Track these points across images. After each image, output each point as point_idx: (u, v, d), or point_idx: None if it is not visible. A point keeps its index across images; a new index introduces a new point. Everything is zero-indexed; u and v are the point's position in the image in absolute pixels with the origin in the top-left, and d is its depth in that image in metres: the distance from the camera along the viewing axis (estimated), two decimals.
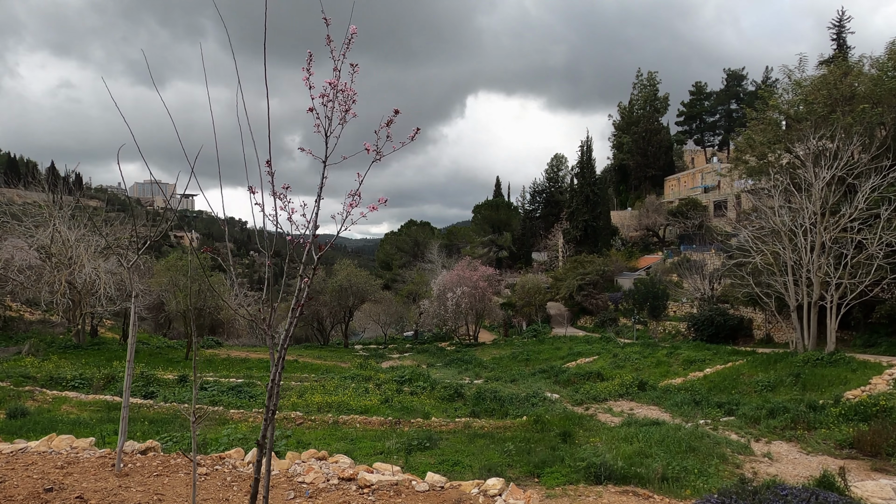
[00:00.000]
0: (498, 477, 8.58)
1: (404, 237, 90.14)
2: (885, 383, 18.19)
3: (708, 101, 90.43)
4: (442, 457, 10.34)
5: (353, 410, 17.88)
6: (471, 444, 12.24)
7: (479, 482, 5.22)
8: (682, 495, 8.44)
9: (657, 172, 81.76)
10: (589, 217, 61.20)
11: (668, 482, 8.99)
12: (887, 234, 21.67)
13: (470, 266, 45.14)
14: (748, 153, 29.65)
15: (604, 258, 53.06)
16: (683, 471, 10.36)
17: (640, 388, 21.98)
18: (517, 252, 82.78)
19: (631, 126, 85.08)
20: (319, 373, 29.47)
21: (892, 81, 24.62)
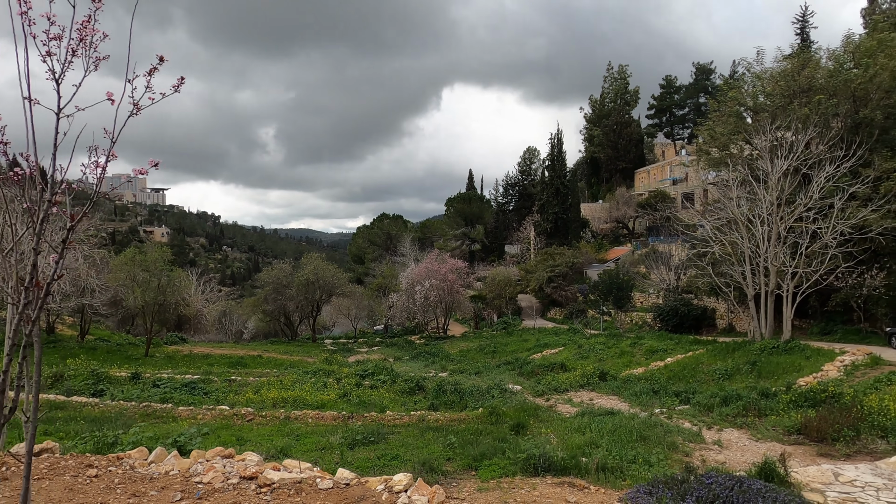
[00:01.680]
0: (433, 471, 8.37)
1: (377, 231, 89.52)
2: (836, 370, 18.51)
3: (678, 94, 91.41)
4: (385, 451, 10.11)
5: (309, 406, 17.54)
6: (421, 438, 12.02)
7: (386, 478, 5.00)
8: (620, 485, 8.34)
9: (628, 165, 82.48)
10: (559, 209, 61.43)
11: (610, 472, 8.89)
12: (841, 223, 22.05)
13: (439, 259, 44.91)
14: (711, 145, 29.92)
15: (573, 250, 53.34)
16: (629, 460, 10.31)
17: (601, 379, 22.05)
18: (490, 245, 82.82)
19: (602, 119, 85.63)
20: (283, 368, 29.05)
21: (847, 73, 25.03)
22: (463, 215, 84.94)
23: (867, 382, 16.72)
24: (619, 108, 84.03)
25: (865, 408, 14.51)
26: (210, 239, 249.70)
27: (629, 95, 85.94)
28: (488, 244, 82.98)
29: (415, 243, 73.86)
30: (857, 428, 13.41)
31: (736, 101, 28.09)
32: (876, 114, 24.06)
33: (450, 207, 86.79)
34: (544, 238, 62.28)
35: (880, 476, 10.67)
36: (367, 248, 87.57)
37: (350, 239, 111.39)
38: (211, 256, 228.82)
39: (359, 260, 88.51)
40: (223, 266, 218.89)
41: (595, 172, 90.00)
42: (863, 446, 13.02)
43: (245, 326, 59.08)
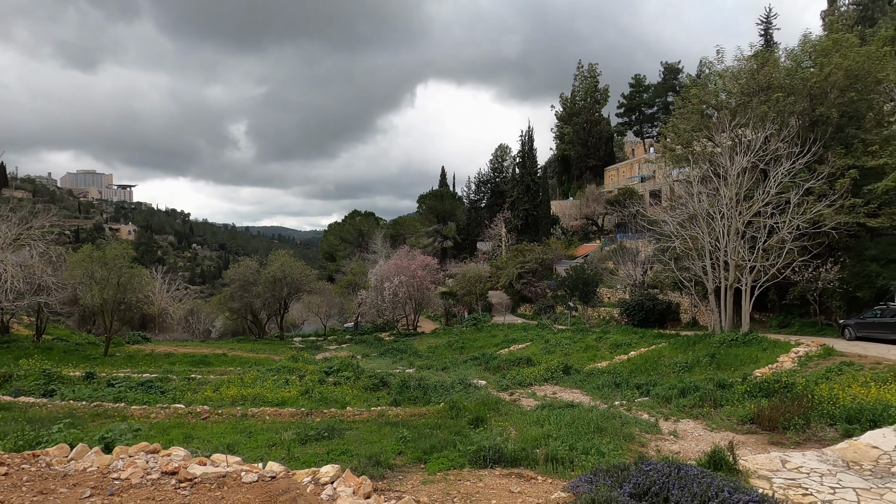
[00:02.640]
0: (379, 464, 8.23)
1: (348, 228, 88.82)
2: (790, 361, 18.94)
3: (646, 93, 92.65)
4: (336, 447, 9.96)
5: (269, 403, 17.27)
6: (377, 433, 11.91)
7: (314, 471, 4.87)
8: (568, 475, 8.33)
9: (598, 163, 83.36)
10: (529, 206, 61.75)
11: (560, 463, 8.88)
12: (797, 218, 22.58)
13: (408, 255, 44.71)
14: (674, 142, 30.37)
15: (543, 247, 53.66)
16: (583, 451, 10.34)
17: (565, 373, 22.20)
18: (462, 242, 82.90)
19: (573, 117, 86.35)
20: (248, 366, 28.57)
21: (804, 72, 25.65)
22: (435, 212, 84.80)
23: (819, 373, 17.14)
24: (589, 107, 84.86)
25: (816, 397, 14.87)
26: (179, 237, 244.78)
27: (599, 94, 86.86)
28: (460, 241, 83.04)
29: (386, 240, 73.50)
30: (807, 417, 13.71)
31: (698, 98, 28.55)
32: (831, 111, 24.69)
33: (422, 204, 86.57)
34: (515, 235, 62.57)
35: (826, 462, 10.92)
36: (338, 246, 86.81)
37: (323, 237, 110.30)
38: (180, 254, 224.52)
39: (330, 257, 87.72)
40: (192, 264, 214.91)
41: (566, 170, 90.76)
42: (812, 434, 13.32)
43: (213, 325, 58.02)
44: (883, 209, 24.07)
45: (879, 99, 26.55)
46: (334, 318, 56.83)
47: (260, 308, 43.20)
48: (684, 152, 28.97)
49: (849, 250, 25.13)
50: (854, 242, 25.12)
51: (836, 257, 24.40)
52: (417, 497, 6.40)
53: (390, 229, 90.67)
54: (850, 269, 24.32)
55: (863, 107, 25.47)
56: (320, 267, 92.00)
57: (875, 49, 24.85)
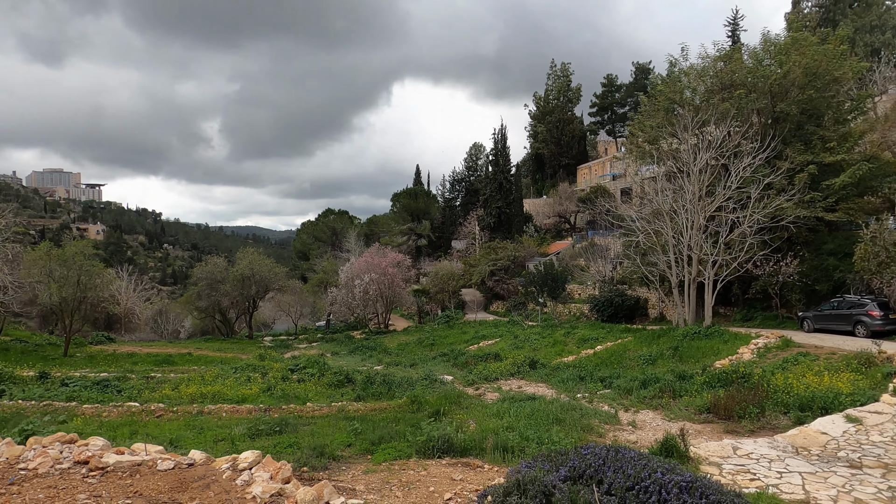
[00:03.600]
0: (322, 455, 8.07)
1: (322, 226, 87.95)
2: (750, 352, 19.26)
3: (618, 93, 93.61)
4: (286, 440, 9.77)
5: (228, 400, 16.96)
6: (333, 427, 11.74)
7: (234, 457, 4.72)
8: (516, 464, 8.29)
9: (571, 161, 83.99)
10: (502, 204, 61.93)
11: (510, 452, 8.83)
12: (757, 212, 22.99)
13: (379, 252, 44.43)
14: (641, 138, 30.69)
15: (516, 244, 53.84)
16: (538, 441, 10.33)
17: (532, 367, 22.25)
18: (436, 240, 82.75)
19: (546, 116, 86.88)
20: (213, 365, 28.05)
21: (765, 69, 26.12)
22: (409, 210, 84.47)
23: (776, 363, 17.45)
24: (562, 106, 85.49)
25: (772, 386, 15.12)
26: (150, 237, 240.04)
27: (572, 93, 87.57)
28: (435, 239, 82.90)
29: (360, 239, 73.04)
30: (762, 405, 13.93)
31: (664, 95, 28.89)
32: (791, 108, 25.19)
33: (396, 203, 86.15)
34: (488, 232, 62.69)
35: (776, 449, 11.09)
36: (311, 245, 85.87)
37: (296, 235, 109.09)
38: (151, 255, 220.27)
39: (303, 256, 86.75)
40: (164, 264, 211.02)
41: (540, 168, 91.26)
42: (766, 422, 13.53)
43: (182, 325, 56.98)
44: (840, 204, 24.64)
45: (838, 97, 27.17)
46: (306, 317, 56.25)
47: (228, 307, 42.50)
48: (650, 149, 29.30)
49: (808, 245, 25.68)
50: (813, 237, 25.67)
51: (795, 251, 24.89)
52: (353, 485, 6.28)
53: (365, 228, 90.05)
54: (809, 263, 24.84)
55: (821, 104, 26.03)
56: (293, 266, 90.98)
57: (832, 48, 25.42)
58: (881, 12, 51.87)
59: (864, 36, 50.87)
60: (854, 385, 14.29)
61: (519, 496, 4.30)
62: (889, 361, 15.70)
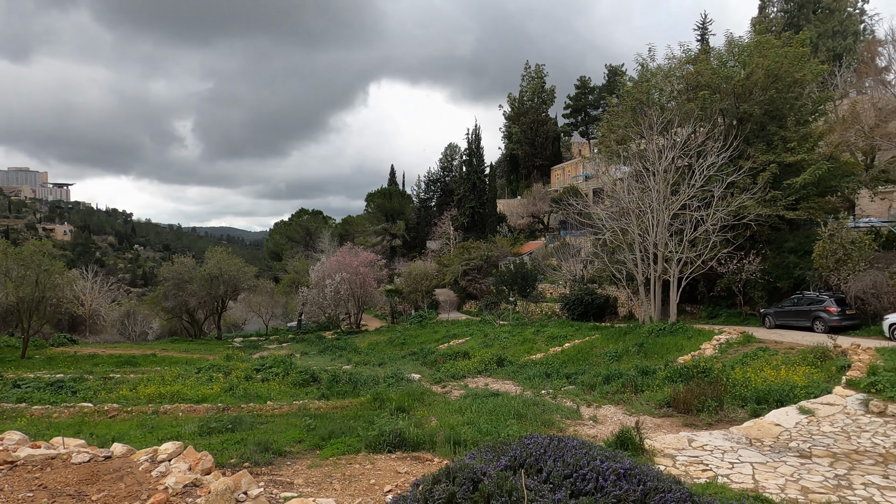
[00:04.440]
0: (267, 450, 7.88)
1: (295, 226, 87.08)
2: (712, 348, 19.53)
3: (592, 94, 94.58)
4: (237, 437, 9.55)
5: (188, 400, 16.60)
6: (288, 425, 11.54)
7: (154, 449, 4.55)
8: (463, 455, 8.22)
9: (545, 162, 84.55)
10: (476, 204, 62.02)
11: (462, 446, 8.75)
12: (720, 210, 23.37)
13: (351, 252, 44.08)
14: (610, 138, 30.99)
15: (489, 244, 53.92)
16: (493, 436, 10.26)
17: (499, 365, 22.25)
18: (411, 241, 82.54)
19: (520, 117, 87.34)
20: (178, 366, 27.47)
21: (728, 70, 26.58)
22: (384, 211, 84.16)
23: (737, 358, 17.70)
24: (536, 107, 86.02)
25: (731, 380, 15.33)
26: (120, 237, 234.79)
27: (546, 94, 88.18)
28: (409, 240, 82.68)
29: (334, 239, 72.42)
30: (720, 399, 14.09)
31: (632, 95, 29.21)
32: (754, 109, 25.68)
33: (370, 203, 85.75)
34: (461, 232, 62.73)
35: (730, 440, 11.22)
36: (284, 245, 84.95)
37: (269, 236, 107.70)
38: (120, 256, 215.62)
39: (276, 257, 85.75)
40: (134, 266, 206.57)
41: (514, 169, 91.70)
42: (725, 415, 13.69)
43: (150, 327, 55.81)
44: (801, 203, 25.19)
45: (800, 99, 27.75)
46: (278, 318, 55.54)
47: (196, 307, 41.69)
48: (618, 149, 29.60)
49: (770, 243, 26.19)
50: (775, 236, 26.20)
51: (758, 250, 25.36)
52: (291, 479, 6.13)
53: (339, 228, 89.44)
54: (771, 261, 25.33)
55: (783, 105, 26.57)
56: (266, 267, 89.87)
57: (793, 50, 25.98)
58: (843, 18, 53.32)
59: (826, 41, 52.24)
60: (809, 378, 14.56)
61: (448, 483, 4.22)
62: (843, 355, 16.04)
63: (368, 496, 5.70)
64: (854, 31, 53.16)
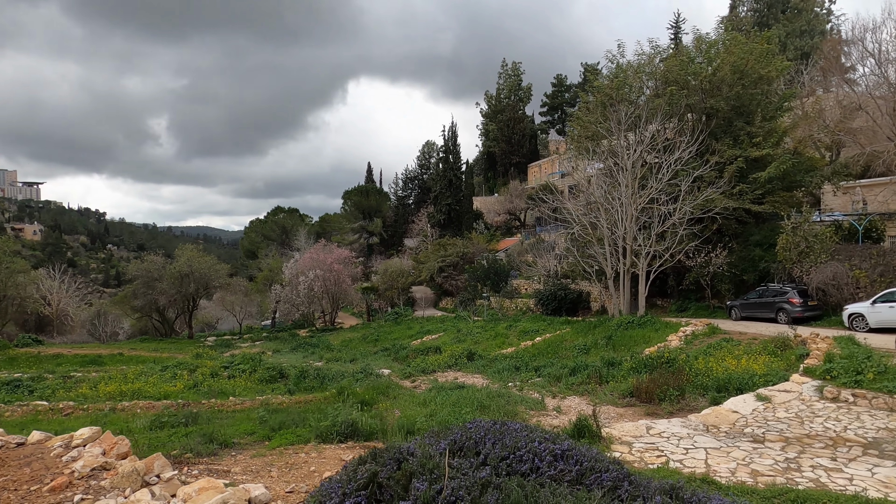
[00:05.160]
0: (211, 441, 7.72)
1: (271, 225, 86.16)
2: (678, 339, 19.74)
3: (568, 92, 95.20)
4: (187, 431, 9.36)
5: (149, 397, 16.31)
6: (244, 418, 11.38)
7: (70, 435, 4.41)
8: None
9: (521, 160, 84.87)
10: (452, 201, 62.01)
11: (415, 435, 8.69)
12: (687, 203, 23.65)
13: (325, 249, 43.74)
14: (580, 133, 31.18)
15: (465, 241, 53.94)
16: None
17: (469, 359, 22.24)
18: (389, 238, 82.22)
19: (497, 114, 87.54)
20: (147, 364, 26.99)
21: (696, 66, 26.92)
22: (361, 208, 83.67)
23: (701, 349, 17.92)
24: (512, 105, 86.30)
25: (693, 370, 15.50)
26: (93, 237, 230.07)
27: (522, 92, 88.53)
28: (387, 237, 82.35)
29: (311, 237, 71.83)
30: (682, 388, 14.24)
31: (602, 91, 29.42)
32: (720, 104, 26.04)
33: (347, 201, 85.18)
34: (438, 229, 62.68)
35: (688, 428, 11.32)
36: (260, 243, 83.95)
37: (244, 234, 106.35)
38: (93, 256, 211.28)
39: (251, 255, 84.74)
40: (107, 266, 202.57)
41: (492, 167, 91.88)
42: (686, 404, 13.84)
43: (120, 327, 54.78)
44: (767, 197, 25.62)
45: (767, 96, 28.17)
46: (252, 317, 54.91)
47: (166, 306, 40.96)
48: (588, 145, 29.80)
49: (737, 237, 26.59)
50: (742, 229, 26.61)
51: (725, 243, 25.73)
52: (228, 468, 6.00)
53: (317, 227, 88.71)
54: (737, 254, 25.73)
55: (750, 102, 26.96)
56: (242, 265, 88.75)
57: (759, 46, 26.39)
58: (810, 18, 54.42)
59: (794, 40, 53.27)
60: (768, 367, 14.79)
61: (372, 463, 4.15)
62: (803, 344, 16.34)
63: (306, 482, 5.61)
64: (821, 30, 54.26)
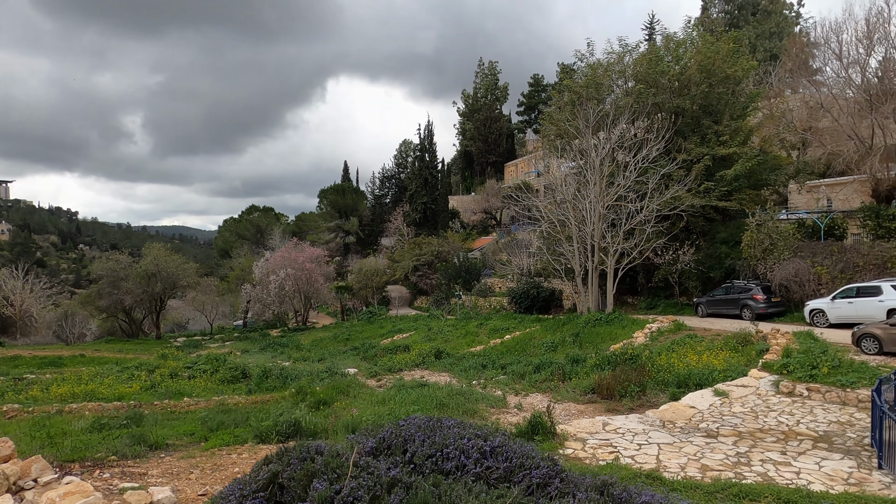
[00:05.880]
0: (141, 443, 7.40)
1: (245, 223, 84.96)
2: (644, 336, 19.80)
3: (545, 92, 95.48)
4: (124, 432, 9.01)
5: (104, 398, 15.85)
6: (193, 419, 11.04)
7: None
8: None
9: (498, 159, 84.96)
10: (428, 199, 61.81)
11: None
12: (654, 201, 23.76)
13: (297, 248, 43.18)
14: (551, 131, 31.19)
15: (440, 239, 53.74)
16: None
17: (437, 357, 22.07)
18: (366, 237, 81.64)
19: (474, 113, 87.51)
20: (106, 366, 26.31)
21: (664, 65, 27.08)
22: (337, 207, 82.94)
23: (665, 345, 17.96)
24: (489, 104, 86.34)
25: (655, 366, 15.51)
26: (64, 237, 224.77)
27: (499, 91, 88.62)
28: (364, 236, 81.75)
29: (286, 236, 70.97)
30: (643, 384, 14.22)
31: (570, 88, 29.46)
32: (686, 103, 26.24)
33: (323, 199, 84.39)
34: (414, 228, 62.39)
35: (644, 423, 11.27)
36: (234, 242, 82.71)
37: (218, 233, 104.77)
38: (64, 256, 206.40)
39: (225, 255, 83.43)
40: (79, 266, 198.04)
41: (469, 166, 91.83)
42: (647, 400, 13.81)
43: (88, 328, 53.50)
44: (734, 195, 25.87)
45: (735, 95, 28.44)
46: (224, 317, 54.06)
47: (133, 306, 40.02)
48: (558, 143, 29.83)
49: (704, 234, 26.83)
50: (709, 227, 26.85)
51: (692, 241, 25.92)
52: (146, 470, 5.71)
53: (293, 226, 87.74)
54: (704, 252, 25.94)
55: (717, 101, 27.21)
56: (216, 265, 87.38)
57: (725, 46, 26.64)
58: (779, 20, 55.35)
59: (764, 42, 54.14)
60: (728, 362, 14.86)
61: (277, 462, 3.93)
62: (764, 340, 16.47)
63: (224, 484, 5.35)
64: (789, 32, 55.15)
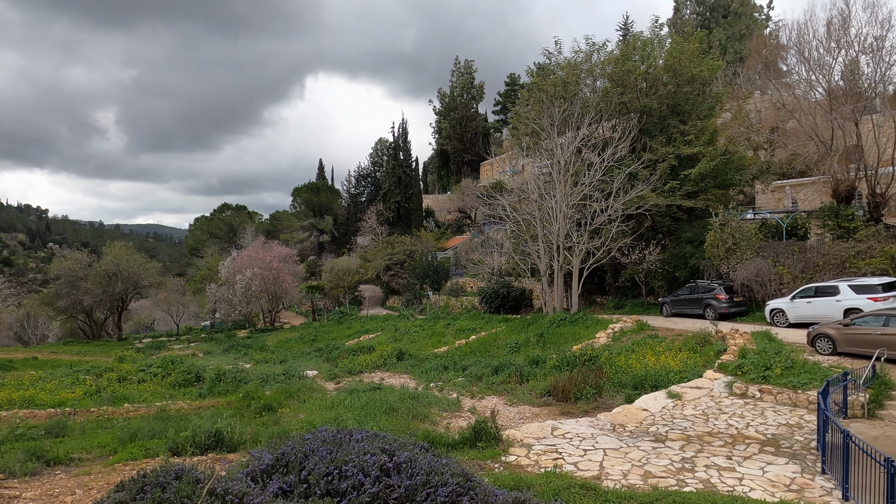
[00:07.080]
0: (39, 458, 6.88)
1: (217, 222, 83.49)
2: (606, 337, 19.63)
3: (521, 91, 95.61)
4: (32, 444, 8.44)
5: (41, 405, 15.13)
6: (122, 428, 10.47)
7: None
8: None
9: (474, 158, 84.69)
10: (402, 198, 61.28)
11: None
12: (619, 199, 23.65)
13: (264, 247, 42.36)
14: (521, 130, 30.96)
15: (413, 238, 53.26)
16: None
17: (399, 359, 21.68)
18: (340, 236, 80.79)
19: (450, 112, 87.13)
20: (49, 370, 25.35)
21: (630, 64, 26.99)
22: (311, 206, 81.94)
23: (626, 346, 17.80)
24: (465, 103, 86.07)
25: (614, 367, 15.29)
26: (32, 235, 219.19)
27: (475, 90, 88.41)
28: (339, 235, 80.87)
29: (259, 235, 69.84)
30: (599, 386, 13.98)
31: (538, 87, 29.26)
32: (653, 102, 26.19)
33: (297, 198, 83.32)
34: (387, 227, 61.81)
35: (594, 427, 10.99)
36: (205, 241, 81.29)
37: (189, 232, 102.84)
38: (32, 254, 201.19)
39: (196, 253, 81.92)
40: (47, 265, 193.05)
41: (445, 164, 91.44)
42: (602, 402, 13.57)
43: (50, 329, 51.94)
44: (700, 195, 25.88)
45: (702, 96, 28.48)
46: (192, 317, 52.93)
47: (93, 306, 38.81)
48: (526, 141, 29.62)
49: (670, 234, 26.82)
50: (675, 226, 26.84)
51: (658, 240, 25.89)
52: (21, 492, 5.22)
53: (266, 224, 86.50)
54: (670, 251, 25.92)
55: (683, 101, 27.22)
56: (187, 264, 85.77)
57: (691, 46, 26.66)
58: (749, 23, 55.99)
59: (734, 44, 54.71)
60: (685, 363, 14.70)
61: (125, 491, 3.50)
62: (723, 340, 16.37)
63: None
64: (759, 34, 55.83)
